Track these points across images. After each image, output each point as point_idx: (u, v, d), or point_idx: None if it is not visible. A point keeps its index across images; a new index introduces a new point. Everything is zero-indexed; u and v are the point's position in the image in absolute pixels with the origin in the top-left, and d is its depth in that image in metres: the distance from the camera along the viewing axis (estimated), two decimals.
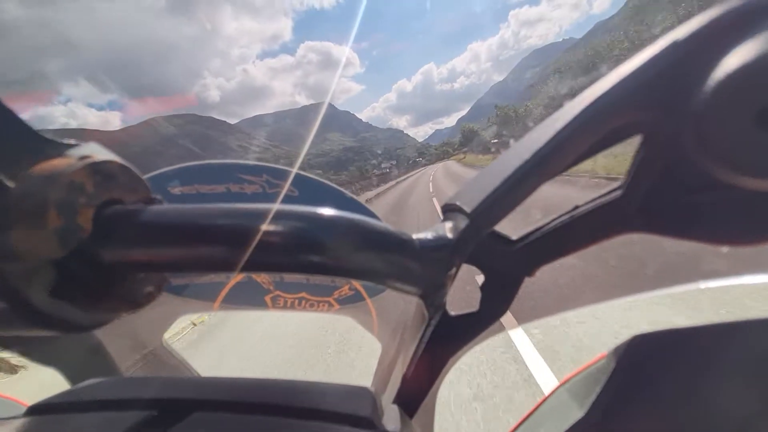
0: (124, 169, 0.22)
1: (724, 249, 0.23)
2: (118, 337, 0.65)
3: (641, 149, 0.22)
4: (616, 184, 0.25)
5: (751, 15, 0.17)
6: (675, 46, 0.19)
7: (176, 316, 0.79)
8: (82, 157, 0.20)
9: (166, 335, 0.75)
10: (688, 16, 0.19)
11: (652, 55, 0.19)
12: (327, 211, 0.22)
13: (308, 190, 0.68)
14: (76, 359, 0.52)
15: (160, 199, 0.24)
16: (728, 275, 0.63)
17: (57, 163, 0.19)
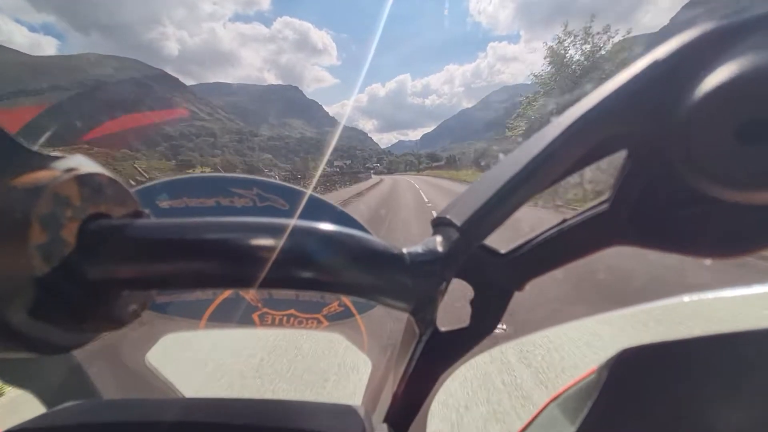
0: (112, 182, 0.22)
1: (708, 261, 0.23)
2: (99, 358, 0.63)
3: (626, 163, 0.23)
4: (603, 197, 0.25)
5: (727, 36, 0.18)
6: (655, 65, 0.20)
7: (160, 335, 0.77)
8: (69, 170, 0.20)
9: (149, 355, 0.73)
10: None
11: (633, 74, 0.20)
12: (318, 226, 0.22)
13: (298, 203, 0.68)
14: (53, 381, 0.49)
15: (148, 213, 0.24)
16: (712, 288, 0.65)
17: (41, 175, 0.19)
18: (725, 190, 0.18)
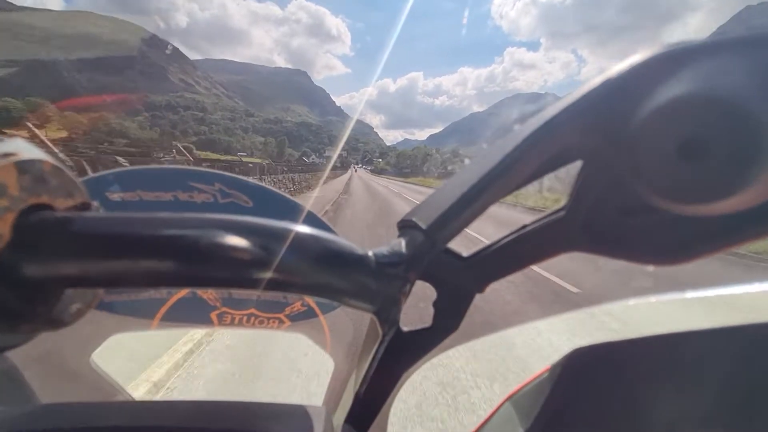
0: (57, 170, 0.20)
1: (650, 268, 0.25)
2: (37, 359, 0.58)
3: (581, 173, 0.24)
4: (560, 205, 0.26)
5: (673, 60, 0.19)
6: (608, 83, 0.21)
7: (107, 335, 0.72)
8: (6, 155, 0.18)
9: (95, 355, 0.68)
10: None
11: (587, 90, 0.22)
12: (281, 225, 0.21)
13: (263, 201, 0.66)
14: None
15: (97, 205, 0.22)
16: (654, 292, 0.70)
17: None
18: (668, 202, 0.20)
